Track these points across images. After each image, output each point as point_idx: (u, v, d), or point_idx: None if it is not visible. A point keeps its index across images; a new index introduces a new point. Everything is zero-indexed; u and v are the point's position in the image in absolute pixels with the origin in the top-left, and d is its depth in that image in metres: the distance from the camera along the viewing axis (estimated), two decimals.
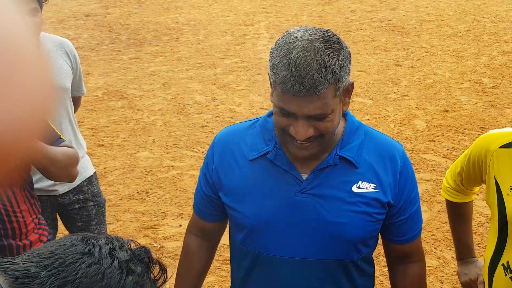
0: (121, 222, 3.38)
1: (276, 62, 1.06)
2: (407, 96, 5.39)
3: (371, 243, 1.23)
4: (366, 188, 1.16)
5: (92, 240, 0.77)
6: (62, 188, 2.09)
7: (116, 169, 4.04)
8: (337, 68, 1.05)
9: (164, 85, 5.71)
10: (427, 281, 2.87)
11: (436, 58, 6.38)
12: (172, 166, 4.09)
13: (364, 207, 1.16)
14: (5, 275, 0.71)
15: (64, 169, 1.57)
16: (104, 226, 2.25)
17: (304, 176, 1.17)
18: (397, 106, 5.16)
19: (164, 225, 3.34)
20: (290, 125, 1.09)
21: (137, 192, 3.72)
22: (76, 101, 2.24)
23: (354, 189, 1.16)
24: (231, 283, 1.33)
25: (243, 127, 1.26)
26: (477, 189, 1.52)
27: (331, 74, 1.04)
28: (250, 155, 1.20)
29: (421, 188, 3.82)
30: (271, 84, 1.11)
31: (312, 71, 1.02)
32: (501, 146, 1.31)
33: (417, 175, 4.03)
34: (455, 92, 5.44)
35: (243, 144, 1.22)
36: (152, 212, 3.48)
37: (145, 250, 0.80)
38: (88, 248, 0.76)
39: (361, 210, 1.16)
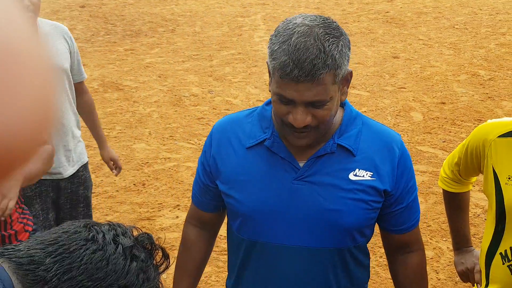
0: (117, 214, 3.37)
1: (275, 48, 1.06)
2: (404, 88, 5.38)
3: (367, 233, 1.23)
4: (363, 176, 1.16)
5: (95, 227, 0.77)
6: (66, 172, 2.13)
7: None
8: (336, 54, 1.04)
9: (160, 76, 5.68)
10: None
11: (433, 50, 6.37)
12: (168, 158, 4.08)
13: (360, 194, 1.16)
14: (9, 262, 0.71)
15: (41, 172, 1.68)
16: (90, 208, 2.29)
17: (301, 164, 1.17)
18: (394, 98, 5.16)
19: (161, 216, 3.34)
20: (289, 113, 1.09)
21: (134, 184, 3.71)
22: (79, 88, 2.25)
23: (351, 176, 1.16)
24: (228, 273, 1.33)
25: (241, 116, 1.26)
26: (474, 179, 1.52)
27: (330, 60, 1.04)
28: (247, 143, 1.20)
29: (417, 180, 3.82)
30: (269, 71, 1.11)
31: (311, 56, 1.02)
32: (499, 136, 1.30)
33: (413, 167, 4.04)
34: (452, 84, 5.44)
35: (241, 132, 1.22)
36: (148, 204, 3.48)
37: (148, 236, 0.81)
38: (91, 234, 0.76)
39: (358, 197, 1.16)
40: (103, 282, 0.72)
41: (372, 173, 1.17)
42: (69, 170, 2.14)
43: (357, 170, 1.17)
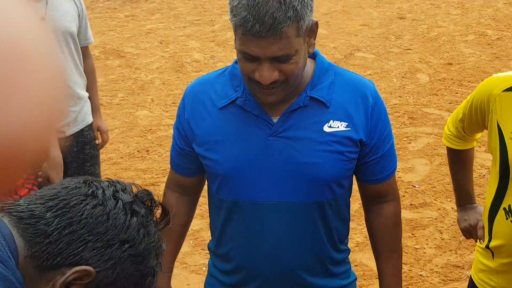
0: (122, 180, 3.39)
1: (235, 4, 1.03)
2: (410, 49, 5.29)
3: (345, 184, 1.22)
4: (338, 127, 1.15)
5: (95, 183, 0.77)
6: (69, 130, 2.16)
7: (116, 128, 4.02)
8: (298, 5, 1.02)
9: (161, 43, 5.61)
10: (427, 232, 2.89)
11: (440, 10, 6.23)
12: (171, 125, 4.06)
13: (336, 146, 1.15)
14: (10, 216, 0.72)
15: None
16: (98, 167, 2.33)
17: (275, 119, 1.16)
18: (399, 60, 5.08)
19: (165, 182, 3.35)
20: (254, 71, 1.07)
21: (138, 151, 3.72)
22: (84, 52, 2.26)
23: (325, 128, 1.15)
24: (211, 237, 1.33)
25: (213, 76, 1.23)
26: (479, 135, 1.49)
27: (291, 12, 1.01)
28: (220, 103, 1.19)
29: (422, 141, 3.81)
30: (233, 29, 1.09)
31: (271, 9, 1.00)
32: (504, 90, 1.27)
33: (419, 129, 4.00)
34: (459, 44, 5.34)
35: (213, 93, 1.20)
36: (153, 170, 3.49)
37: (147, 193, 0.80)
38: (91, 190, 0.76)
39: (333, 149, 1.15)
40: (104, 236, 0.73)
41: (346, 124, 1.16)
42: (71, 129, 2.17)
43: (331, 121, 1.16)
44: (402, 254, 1.30)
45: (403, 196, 3.22)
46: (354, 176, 1.26)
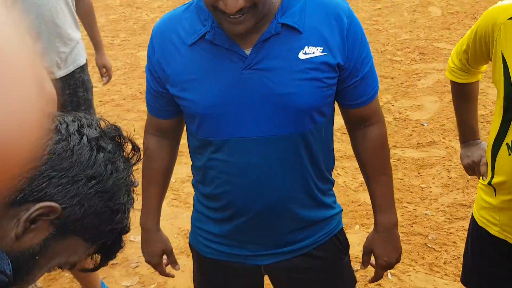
0: (126, 121, 3.37)
1: None
2: None
3: (327, 112, 1.18)
4: (313, 53, 1.10)
5: (58, 117, 0.74)
6: (59, 72, 2.11)
7: (118, 69, 3.96)
8: None
9: None
10: (433, 171, 2.86)
11: None
12: None
13: (313, 73, 1.10)
14: None
15: None
16: (93, 110, 2.31)
17: (248, 51, 1.11)
18: None
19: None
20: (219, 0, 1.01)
21: (140, 92, 3.67)
22: None
23: (301, 55, 1.10)
24: (193, 177, 1.31)
25: (180, 12, 1.17)
26: (484, 67, 1.41)
27: None
28: (189, 40, 1.13)
29: (432, 78, 3.69)
30: None
31: None
32: (509, 18, 1.18)
33: (429, 65, 3.86)
34: None
35: (181, 30, 1.15)
36: None
37: (115, 128, 0.77)
38: (54, 125, 0.73)
39: (310, 76, 1.10)
40: (68, 172, 0.70)
41: (322, 48, 1.10)
42: (62, 71, 2.12)
43: (306, 47, 1.10)
44: (392, 176, 1.29)
45: (411, 135, 3.17)
46: (336, 103, 1.22)
